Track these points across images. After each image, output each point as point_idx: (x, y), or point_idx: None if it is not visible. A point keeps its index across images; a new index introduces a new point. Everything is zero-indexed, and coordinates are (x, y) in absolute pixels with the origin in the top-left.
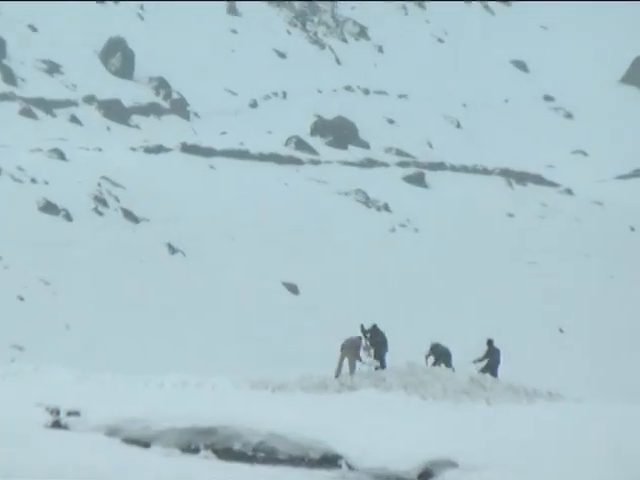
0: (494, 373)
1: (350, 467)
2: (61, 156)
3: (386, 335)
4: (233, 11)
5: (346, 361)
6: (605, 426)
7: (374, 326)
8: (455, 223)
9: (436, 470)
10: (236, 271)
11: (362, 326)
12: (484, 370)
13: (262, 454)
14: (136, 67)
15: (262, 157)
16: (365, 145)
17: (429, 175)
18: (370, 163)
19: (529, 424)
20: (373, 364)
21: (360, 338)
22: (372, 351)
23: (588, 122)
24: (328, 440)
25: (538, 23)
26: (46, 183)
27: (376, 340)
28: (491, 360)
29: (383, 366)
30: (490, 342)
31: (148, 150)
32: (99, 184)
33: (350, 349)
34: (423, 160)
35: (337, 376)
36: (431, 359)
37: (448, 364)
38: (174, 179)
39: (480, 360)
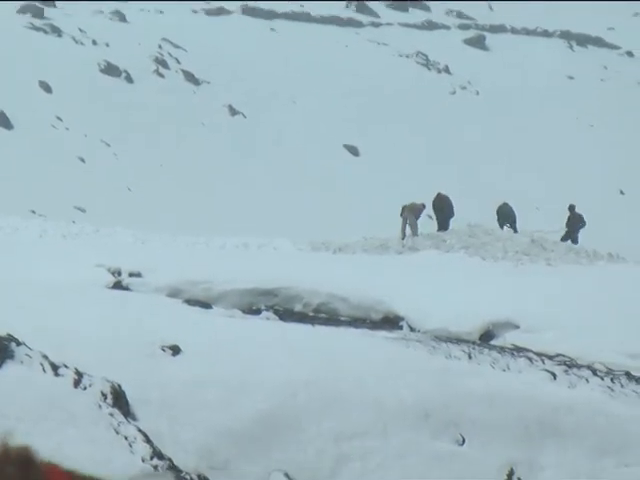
0: (574, 240)
1: (411, 328)
2: (122, 18)
3: (451, 200)
4: None
5: (409, 224)
6: None
7: (438, 194)
8: (516, 85)
9: (498, 331)
10: (297, 134)
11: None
12: (564, 237)
13: (323, 315)
14: None
15: (323, 20)
16: (425, 7)
17: (490, 37)
18: (431, 25)
19: (590, 285)
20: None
21: (423, 205)
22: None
23: None
24: (389, 301)
25: None
26: (107, 45)
27: (440, 207)
28: (571, 227)
29: (445, 228)
30: (572, 208)
31: (209, 12)
32: (160, 46)
33: (411, 212)
34: (484, 22)
35: (403, 238)
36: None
37: (512, 225)
38: (235, 41)
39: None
